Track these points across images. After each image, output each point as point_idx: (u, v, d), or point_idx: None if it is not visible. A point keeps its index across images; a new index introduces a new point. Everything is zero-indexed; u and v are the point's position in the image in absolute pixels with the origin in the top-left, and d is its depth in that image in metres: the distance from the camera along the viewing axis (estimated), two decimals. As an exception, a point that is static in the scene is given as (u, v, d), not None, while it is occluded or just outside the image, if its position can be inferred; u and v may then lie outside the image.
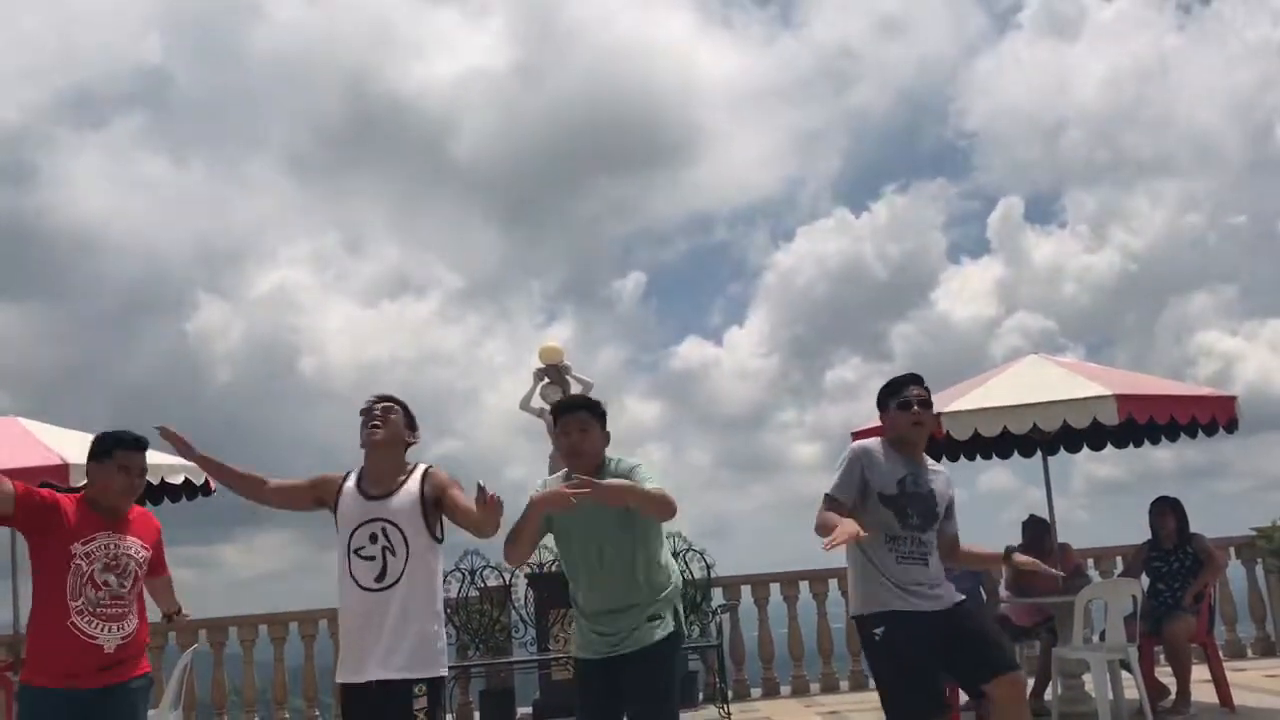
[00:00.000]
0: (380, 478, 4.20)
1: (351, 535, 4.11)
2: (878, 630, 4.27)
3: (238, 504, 4.25)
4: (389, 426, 4.23)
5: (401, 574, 4.06)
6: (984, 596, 7.45)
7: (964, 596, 4.44)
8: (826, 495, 4.29)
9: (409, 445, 4.32)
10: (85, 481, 4.49)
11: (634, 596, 4.15)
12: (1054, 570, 4.20)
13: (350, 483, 4.23)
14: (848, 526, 3.97)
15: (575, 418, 4.24)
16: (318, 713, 10.28)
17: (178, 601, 4.88)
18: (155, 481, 7.40)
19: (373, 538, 4.07)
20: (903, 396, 4.42)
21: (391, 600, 4.04)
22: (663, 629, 4.16)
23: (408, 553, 4.08)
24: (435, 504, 4.17)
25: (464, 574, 10.00)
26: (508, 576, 10.07)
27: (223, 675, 10.20)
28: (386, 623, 4.02)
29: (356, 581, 4.08)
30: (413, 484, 4.20)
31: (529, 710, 9.89)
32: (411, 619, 4.05)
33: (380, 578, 4.06)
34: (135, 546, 4.33)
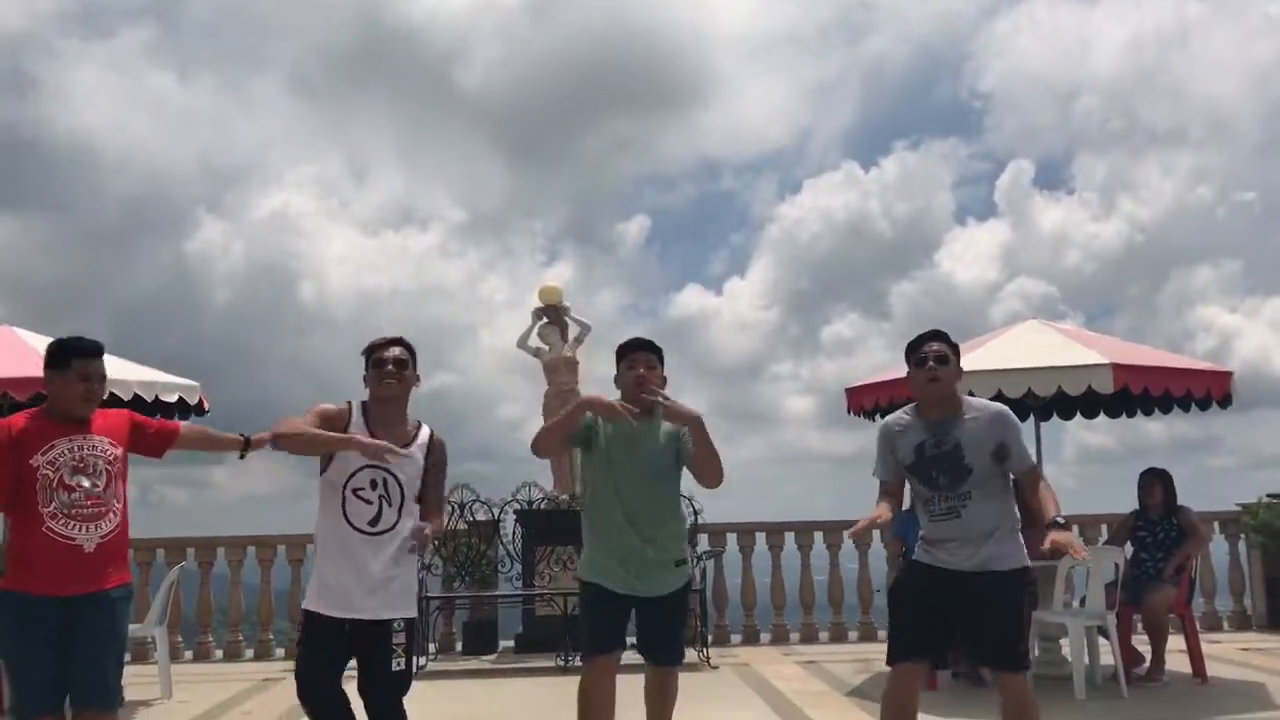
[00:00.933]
0: (388, 425, 4.21)
1: (352, 475, 4.12)
2: (900, 574, 4.52)
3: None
4: (404, 382, 4.26)
5: (395, 525, 4.15)
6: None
7: (1022, 565, 4.24)
8: (879, 480, 4.41)
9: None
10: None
11: (670, 529, 4.45)
12: (1082, 551, 4.09)
13: (357, 422, 4.21)
14: (875, 514, 4.24)
15: (644, 355, 4.45)
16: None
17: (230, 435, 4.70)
18: (149, 399, 7.42)
19: (373, 484, 4.12)
20: (919, 353, 4.33)
21: (383, 546, 4.11)
22: (684, 576, 4.48)
23: (403, 507, 4.17)
24: (426, 471, 4.27)
25: (454, 507, 10.06)
26: (496, 512, 10.15)
27: (209, 594, 10.29)
28: (375, 567, 4.10)
29: (350, 521, 4.11)
30: (419, 446, 4.26)
31: (511, 644, 10.00)
32: (399, 566, 4.16)
33: (374, 522, 4.12)
34: (103, 445, 4.27)
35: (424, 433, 4.31)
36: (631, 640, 4.49)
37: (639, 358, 4.44)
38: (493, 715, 6.83)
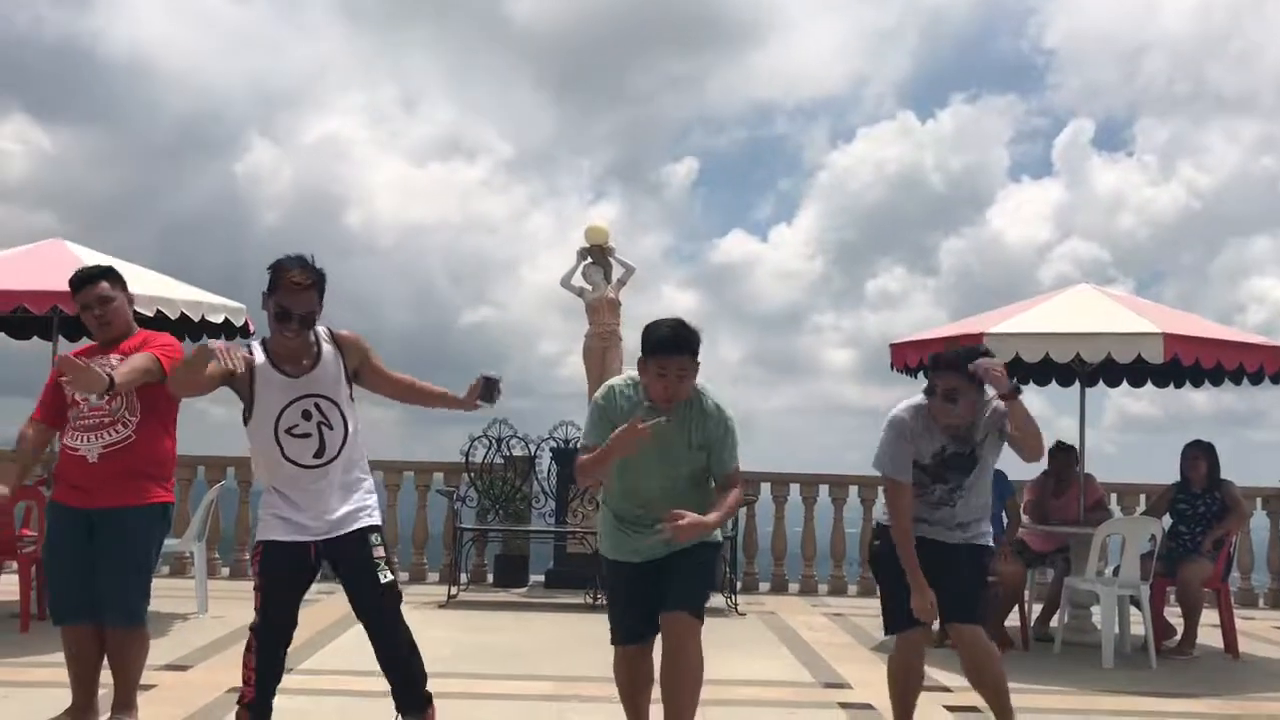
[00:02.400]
0: (294, 354, 4.03)
1: (280, 415, 3.98)
2: (877, 541, 4.50)
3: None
4: (302, 335, 4.00)
5: (341, 446, 4.05)
6: (1005, 522, 7.45)
7: (989, 545, 4.49)
8: (887, 478, 4.34)
9: None
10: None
11: (693, 501, 3.92)
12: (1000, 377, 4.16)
13: (261, 361, 4.00)
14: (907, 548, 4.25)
15: (676, 361, 3.76)
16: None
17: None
18: (196, 319, 7.48)
19: (305, 415, 3.99)
20: (932, 383, 4.27)
21: (333, 471, 4.04)
22: (714, 534, 4.03)
23: (345, 423, 4.07)
24: (355, 373, 4.15)
25: (490, 441, 10.14)
26: (532, 448, 10.21)
27: (247, 513, 10.44)
28: (332, 492, 4.03)
29: (293, 461, 4.00)
30: (329, 353, 4.09)
31: (541, 578, 10.11)
32: (355, 484, 4.11)
33: (320, 453, 4.01)
34: (116, 362, 4.31)
35: (325, 343, 4.09)
36: None
37: (669, 364, 3.76)
38: (521, 646, 6.91)
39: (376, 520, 4.14)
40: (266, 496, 4.11)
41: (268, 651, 4.08)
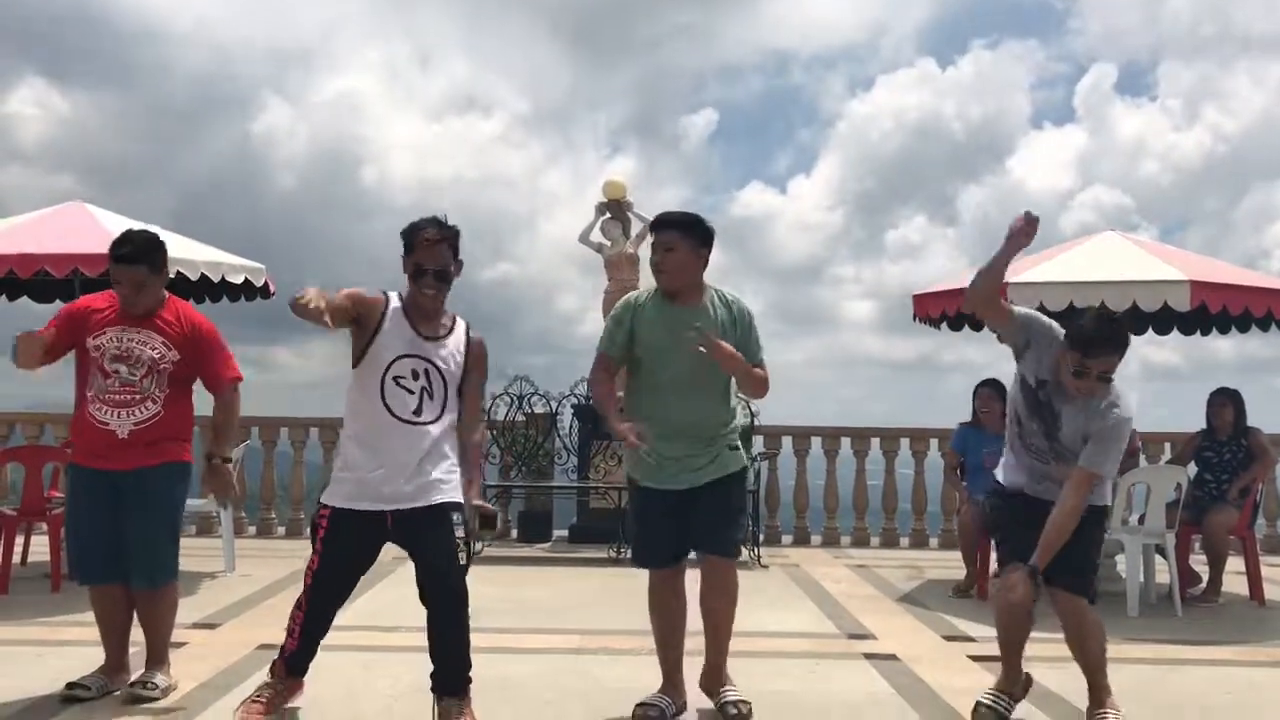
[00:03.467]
0: (429, 316, 4.09)
1: (393, 363, 4.00)
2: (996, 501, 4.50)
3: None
4: (442, 294, 4.09)
5: (438, 417, 4.05)
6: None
7: (1099, 504, 4.21)
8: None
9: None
10: None
11: (721, 415, 4.21)
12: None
13: (396, 309, 4.07)
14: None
15: (662, 236, 4.17)
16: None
17: (226, 446, 4.65)
18: (216, 279, 7.49)
19: (414, 374, 4.01)
20: (1081, 363, 3.96)
21: (426, 436, 4.01)
22: (741, 460, 4.28)
23: (446, 400, 4.09)
24: (467, 371, 4.17)
25: (513, 398, 10.16)
26: (554, 405, 10.22)
27: (272, 473, 10.53)
28: (418, 457, 3.99)
29: (390, 408, 3.98)
30: (459, 339, 4.16)
31: (564, 534, 10.16)
32: (444, 455, 4.07)
33: (417, 412, 4.02)
34: (155, 341, 4.38)
35: (460, 328, 4.18)
36: None
37: (657, 240, 4.20)
38: (545, 601, 6.95)
39: (458, 498, 4.06)
40: (345, 452, 4.09)
41: (317, 611, 4.11)
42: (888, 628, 6.20)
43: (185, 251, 7.31)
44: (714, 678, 4.33)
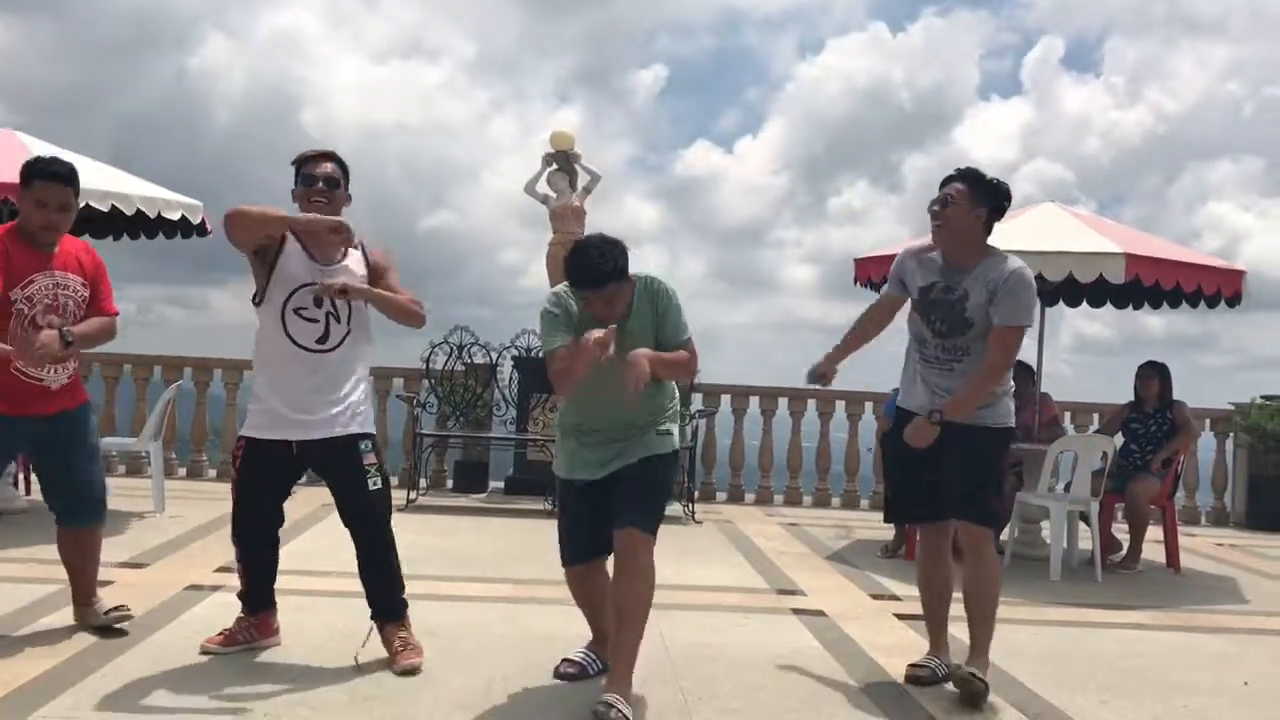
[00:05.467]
0: (322, 243, 4.09)
1: (292, 294, 4.02)
2: (889, 421, 4.38)
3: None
4: (334, 203, 4.10)
5: (344, 340, 4.08)
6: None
7: (1000, 425, 4.10)
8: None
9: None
10: (81, 205, 4.44)
11: (654, 403, 3.90)
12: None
13: (291, 240, 4.07)
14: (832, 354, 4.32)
15: (601, 294, 3.68)
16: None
17: (80, 337, 4.10)
18: (152, 215, 7.34)
19: (317, 301, 4.01)
20: (930, 206, 4.13)
21: (331, 363, 4.05)
22: (670, 444, 3.94)
23: (350, 320, 4.10)
24: (375, 280, 4.16)
25: (452, 348, 10.11)
26: (494, 356, 10.19)
27: (204, 414, 10.39)
28: (326, 384, 4.04)
29: (293, 339, 4.02)
30: (356, 257, 4.16)
31: (501, 485, 10.17)
32: (351, 382, 4.11)
33: (322, 340, 4.04)
34: (75, 284, 4.21)
35: (357, 245, 4.17)
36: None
37: (595, 299, 3.68)
38: (479, 550, 6.96)
39: (369, 428, 4.17)
40: (256, 387, 4.15)
41: (249, 544, 4.21)
42: (817, 585, 6.30)
43: (119, 185, 7.15)
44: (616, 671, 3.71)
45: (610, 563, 3.88)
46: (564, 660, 4.17)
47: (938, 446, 4.08)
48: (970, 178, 4.11)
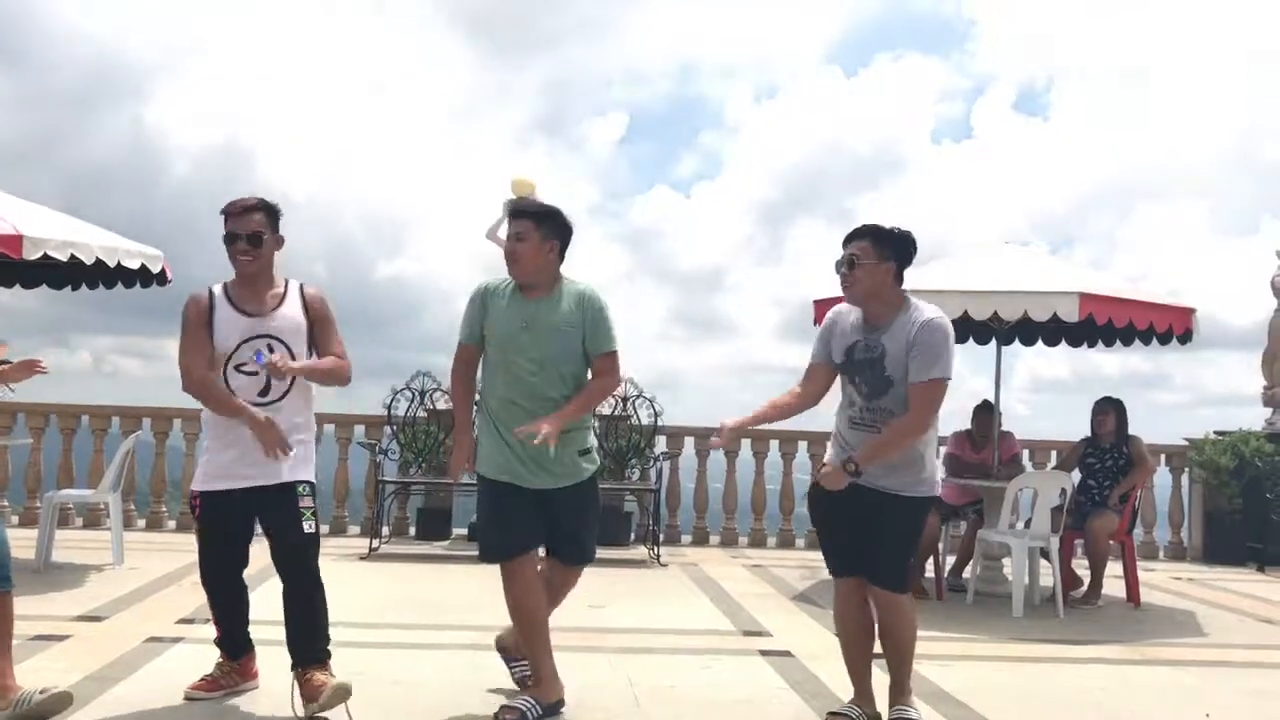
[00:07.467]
0: (254, 294, 4.17)
1: (234, 352, 4.10)
2: (814, 485, 4.29)
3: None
4: (260, 259, 4.13)
5: (286, 392, 4.15)
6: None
7: (925, 495, 4.07)
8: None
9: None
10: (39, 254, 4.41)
11: (559, 396, 4.09)
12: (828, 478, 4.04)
13: (221, 299, 4.15)
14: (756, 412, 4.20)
15: (516, 224, 4.12)
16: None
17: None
18: (111, 264, 7.28)
19: (257, 355, 4.06)
20: (838, 262, 4.06)
21: (277, 415, 4.11)
22: (593, 464, 4.25)
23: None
24: (312, 326, 4.23)
25: (413, 394, 10.07)
26: (456, 401, 10.17)
27: (163, 464, 10.27)
28: None
29: (236, 395, 4.10)
30: (293, 302, 4.22)
31: (464, 531, 10.10)
32: (295, 431, 4.19)
33: (264, 393, 4.12)
34: None
35: (293, 291, 4.25)
36: None
37: (512, 227, 4.14)
38: (441, 598, 6.91)
39: (309, 476, 4.24)
40: (208, 441, 4.23)
41: (217, 592, 4.30)
42: (783, 625, 6.30)
43: (78, 235, 7.09)
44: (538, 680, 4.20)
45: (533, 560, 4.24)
46: (503, 708, 4.10)
47: (859, 510, 4.02)
48: (872, 233, 4.03)
